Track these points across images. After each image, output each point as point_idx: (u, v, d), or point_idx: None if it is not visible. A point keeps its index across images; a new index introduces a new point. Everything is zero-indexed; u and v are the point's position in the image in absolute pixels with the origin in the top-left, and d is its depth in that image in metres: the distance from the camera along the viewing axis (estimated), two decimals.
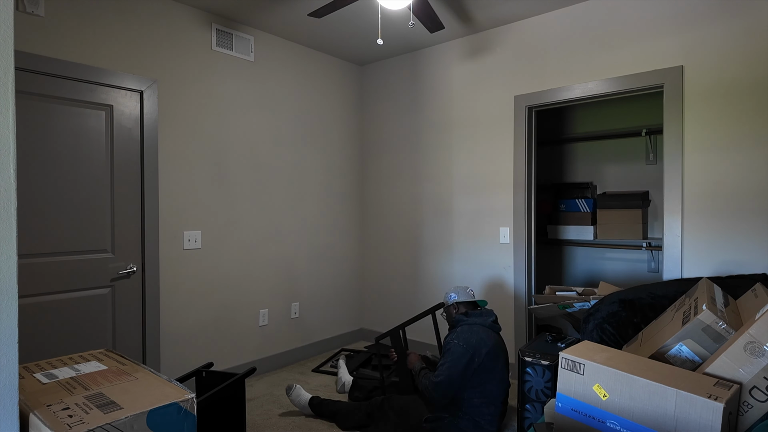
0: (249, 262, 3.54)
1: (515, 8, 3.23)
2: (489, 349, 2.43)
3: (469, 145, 3.72)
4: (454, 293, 2.78)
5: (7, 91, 0.94)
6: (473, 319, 2.58)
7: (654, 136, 3.88)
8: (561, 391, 1.56)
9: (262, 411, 2.94)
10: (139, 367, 1.30)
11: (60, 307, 2.63)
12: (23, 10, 2.47)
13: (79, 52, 2.68)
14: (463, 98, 3.76)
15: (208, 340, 3.30)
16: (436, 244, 3.94)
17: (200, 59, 3.23)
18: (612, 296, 2.38)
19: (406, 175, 4.15)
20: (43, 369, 1.29)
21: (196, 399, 1.10)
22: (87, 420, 0.98)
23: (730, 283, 2.26)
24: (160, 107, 3.03)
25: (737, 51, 2.61)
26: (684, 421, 1.29)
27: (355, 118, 4.42)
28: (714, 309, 1.62)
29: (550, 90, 3.29)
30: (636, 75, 2.93)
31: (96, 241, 2.77)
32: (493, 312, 2.66)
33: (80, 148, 2.70)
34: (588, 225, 3.98)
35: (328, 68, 4.16)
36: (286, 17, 3.37)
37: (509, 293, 3.51)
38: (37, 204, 2.55)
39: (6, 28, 0.94)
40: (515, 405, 2.77)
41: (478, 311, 2.66)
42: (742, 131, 2.60)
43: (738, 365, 1.40)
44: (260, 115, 3.62)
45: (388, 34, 3.68)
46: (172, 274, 3.10)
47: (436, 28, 2.84)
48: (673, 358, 1.63)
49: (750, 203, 2.58)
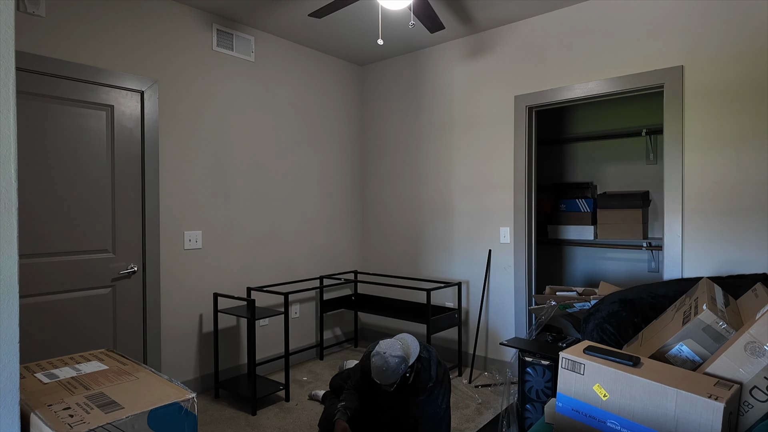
0: (250, 262, 3.54)
1: (515, 8, 3.23)
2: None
3: (470, 145, 3.73)
4: (403, 364, 2.23)
5: (8, 91, 0.94)
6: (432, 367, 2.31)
7: (654, 136, 3.88)
8: (561, 391, 1.56)
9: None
10: (140, 366, 1.31)
11: (61, 307, 2.63)
12: (24, 11, 2.48)
13: (79, 53, 2.69)
14: (464, 98, 3.76)
15: (209, 340, 3.30)
16: (437, 243, 3.94)
17: (201, 59, 3.24)
18: (612, 296, 2.38)
19: (407, 175, 4.15)
20: (44, 369, 1.29)
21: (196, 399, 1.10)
22: (88, 420, 0.98)
23: (731, 282, 2.27)
24: (161, 107, 3.03)
25: (737, 51, 2.61)
26: (684, 421, 1.29)
27: (355, 118, 4.42)
28: (714, 309, 1.62)
29: (550, 90, 3.29)
30: (636, 75, 2.93)
31: (97, 241, 2.77)
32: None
33: (81, 149, 2.70)
34: (588, 225, 3.98)
35: (329, 68, 4.16)
36: (286, 17, 3.38)
37: (509, 293, 3.51)
38: (38, 204, 2.55)
39: (7, 29, 0.94)
40: (515, 405, 2.77)
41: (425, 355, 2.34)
42: (742, 131, 2.60)
43: (738, 365, 1.40)
44: (261, 116, 3.62)
45: (389, 34, 3.68)
46: (173, 274, 3.10)
47: (437, 29, 2.84)
48: (674, 357, 1.63)
49: (750, 203, 2.58)
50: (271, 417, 2.87)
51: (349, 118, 4.36)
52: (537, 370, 2.45)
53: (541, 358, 2.43)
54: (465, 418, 2.85)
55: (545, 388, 2.42)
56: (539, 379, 2.44)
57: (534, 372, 2.46)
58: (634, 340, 1.98)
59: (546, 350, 2.48)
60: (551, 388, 2.40)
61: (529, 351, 2.49)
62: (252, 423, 2.79)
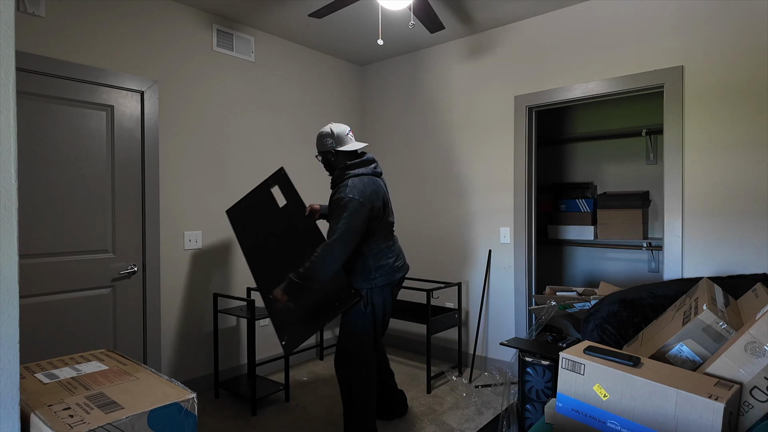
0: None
1: (515, 8, 3.23)
2: (381, 200, 2.42)
3: (470, 145, 3.73)
4: (330, 138, 2.46)
5: (8, 91, 0.94)
6: (359, 170, 2.42)
7: (654, 136, 3.88)
8: (561, 391, 1.56)
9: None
10: (140, 367, 1.30)
11: (61, 308, 2.63)
12: (24, 11, 2.48)
13: (79, 53, 2.69)
14: (464, 98, 3.76)
15: (209, 340, 3.30)
16: (437, 243, 3.94)
17: (201, 60, 3.24)
18: (612, 296, 2.38)
19: (407, 174, 4.15)
20: (44, 369, 1.29)
21: (196, 399, 1.10)
22: (88, 420, 0.98)
23: (731, 283, 2.26)
24: (161, 108, 3.03)
25: (737, 51, 2.61)
26: (684, 421, 1.29)
27: (355, 119, 4.42)
28: (714, 309, 1.62)
29: (550, 90, 3.29)
30: (636, 75, 2.93)
31: (97, 242, 2.77)
32: (373, 157, 2.53)
33: (81, 149, 2.70)
34: (588, 225, 3.98)
35: (329, 68, 4.16)
36: (286, 18, 3.38)
37: (509, 293, 3.51)
38: (38, 204, 2.55)
39: (7, 29, 0.94)
40: (515, 405, 2.77)
41: (359, 160, 2.46)
42: (742, 131, 2.60)
43: (738, 365, 1.40)
44: (261, 116, 3.62)
45: (389, 34, 3.68)
46: (173, 274, 3.10)
47: (437, 29, 2.84)
48: (674, 358, 1.63)
49: (750, 203, 2.58)
50: (271, 417, 2.87)
51: (349, 119, 4.36)
52: (537, 370, 2.45)
53: (541, 358, 2.43)
54: (465, 418, 2.85)
55: (545, 388, 2.42)
56: (539, 379, 2.44)
57: (534, 372, 2.46)
58: (634, 340, 1.98)
59: (546, 350, 2.48)
60: (551, 388, 2.40)
61: (529, 351, 2.49)
62: (252, 423, 2.79)
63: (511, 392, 2.95)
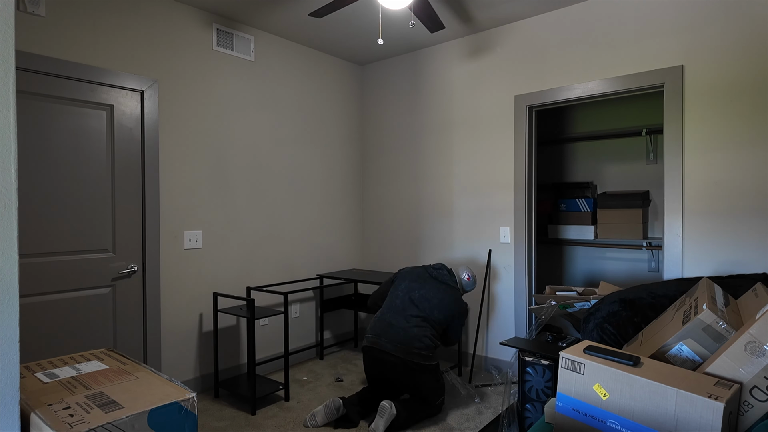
0: (249, 262, 3.54)
1: (515, 8, 3.23)
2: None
3: (470, 145, 3.73)
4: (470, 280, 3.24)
5: (8, 91, 0.94)
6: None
7: (654, 136, 3.88)
8: (561, 390, 1.56)
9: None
10: (140, 366, 1.31)
11: (61, 307, 2.63)
12: (24, 10, 2.47)
13: (79, 52, 2.69)
14: (464, 98, 3.76)
15: (209, 340, 3.30)
16: (437, 243, 3.94)
17: (201, 59, 3.24)
18: (612, 296, 2.38)
19: (407, 174, 4.15)
20: (44, 368, 1.29)
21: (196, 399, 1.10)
22: (88, 419, 0.98)
23: (731, 282, 2.26)
24: (161, 107, 3.03)
25: (737, 51, 2.61)
26: (684, 421, 1.29)
27: (355, 118, 4.42)
28: (714, 309, 1.62)
29: (550, 90, 3.29)
30: (636, 75, 2.93)
31: (97, 241, 2.77)
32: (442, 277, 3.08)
33: (81, 148, 2.70)
34: (588, 225, 3.98)
35: (329, 68, 4.16)
36: (286, 17, 3.38)
37: (509, 293, 3.51)
38: (38, 204, 2.55)
39: (7, 28, 0.94)
40: (515, 405, 2.77)
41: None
42: (742, 131, 2.60)
43: (738, 365, 1.40)
44: (261, 115, 3.62)
45: (389, 34, 3.68)
46: (173, 274, 3.10)
47: (437, 28, 2.84)
48: (674, 357, 1.63)
49: (750, 203, 2.58)
50: (270, 417, 2.87)
51: (349, 118, 4.36)
52: (537, 369, 2.45)
53: (541, 358, 2.43)
54: (465, 417, 2.85)
55: (545, 387, 2.42)
56: (539, 378, 2.44)
57: (534, 372, 2.46)
58: (634, 340, 1.98)
59: (546, 350, 2.48)
60: (551, 387, 2.40)
61: (529, 351, 2.49)
62: (252, 423, 2.79)
63: (511, 392, 2.95)
